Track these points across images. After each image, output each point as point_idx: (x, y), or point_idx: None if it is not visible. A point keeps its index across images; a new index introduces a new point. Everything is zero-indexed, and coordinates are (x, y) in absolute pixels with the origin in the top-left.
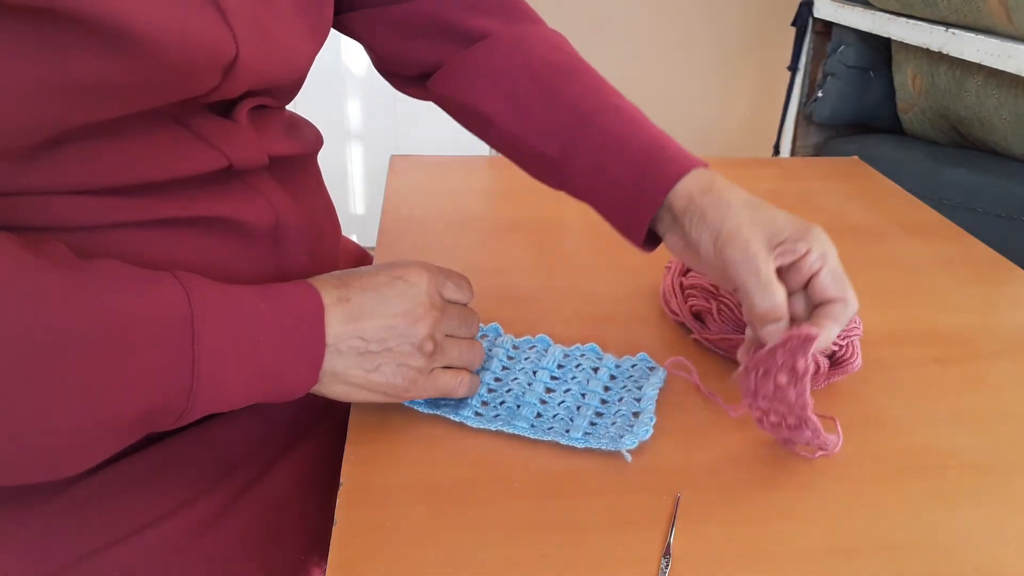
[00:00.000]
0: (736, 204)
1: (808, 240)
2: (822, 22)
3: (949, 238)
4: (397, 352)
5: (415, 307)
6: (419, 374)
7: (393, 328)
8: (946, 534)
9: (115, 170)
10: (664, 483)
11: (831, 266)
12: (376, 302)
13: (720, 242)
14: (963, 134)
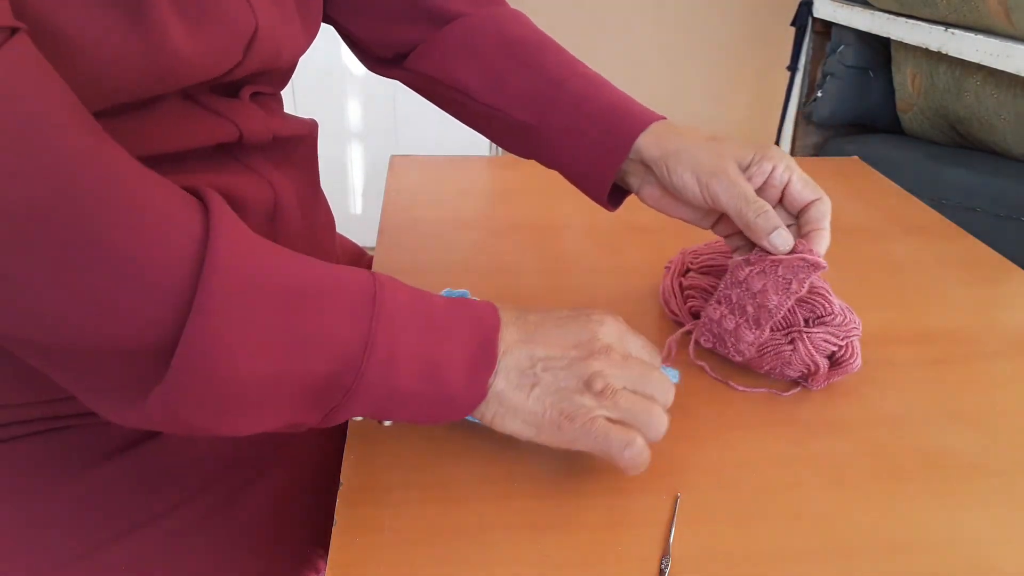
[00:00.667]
0: (703, 143)
1: (771, 158)
2: (821, 22)
3: (949, 238)
4: (562, 380)
5: (593, 340)
6: (577, 412)
7: (564, 356)
8: (946, 534)
9: (128, 143)
10: (664, 483)
11: (798, 174)
12: (554, 327)
13: (704, 179)
14: (962, 134)
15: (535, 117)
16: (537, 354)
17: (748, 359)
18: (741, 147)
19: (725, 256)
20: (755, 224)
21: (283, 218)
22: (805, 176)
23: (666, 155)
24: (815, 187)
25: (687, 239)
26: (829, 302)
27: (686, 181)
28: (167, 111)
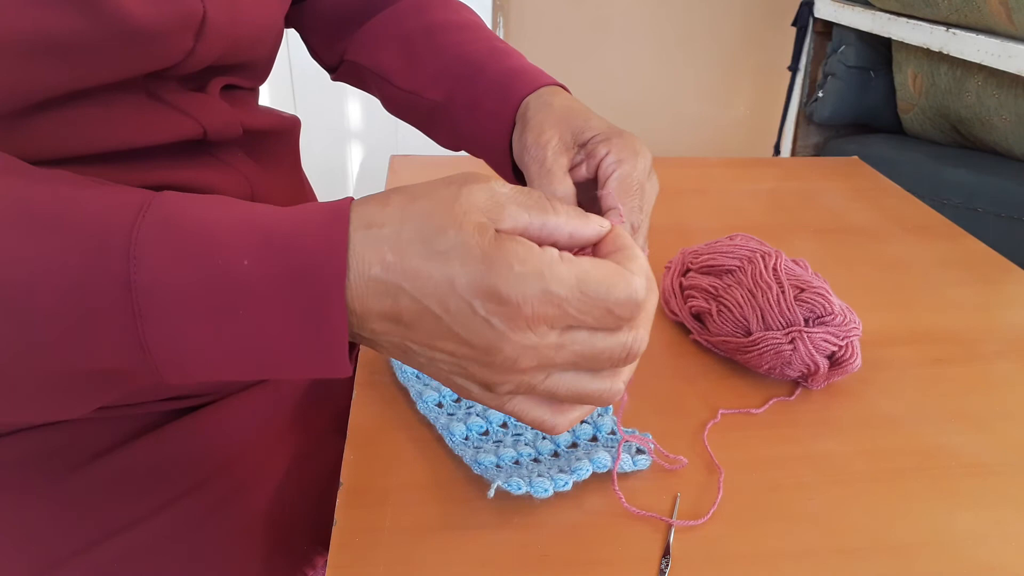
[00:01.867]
0: (556, 105)
1: (611, 144)
2: (822, 22)
3: (949, 238)
4: (457, 380)
5: (496, 350)
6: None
7: (454, 362)
8: (946, 534)
9: (91, 139)
10: (664, 483)
11: (622, 172)
12: (433, 315)
13: (524, 131)
14: (963, 134)
15: (444, 95)
16: (412, 347)
17: (741, 359)
18: (591, 121)
19: (726, 256)
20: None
21: None
22: (629, 179)
23: (525, 114)
24: (627, 195)
25: (687, 239)
26: (829, 302)
27: (516, 138)
28: (129, 107)
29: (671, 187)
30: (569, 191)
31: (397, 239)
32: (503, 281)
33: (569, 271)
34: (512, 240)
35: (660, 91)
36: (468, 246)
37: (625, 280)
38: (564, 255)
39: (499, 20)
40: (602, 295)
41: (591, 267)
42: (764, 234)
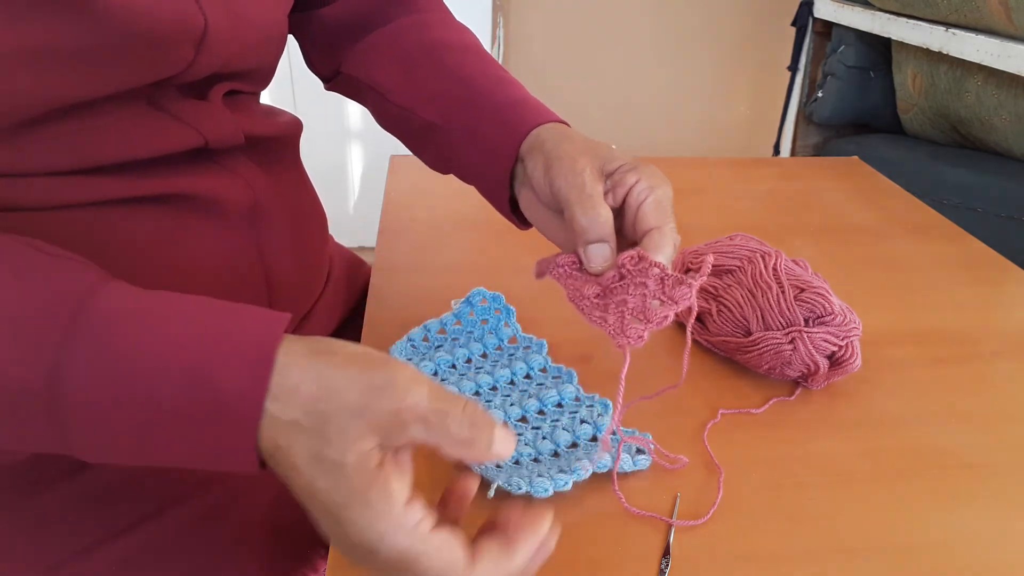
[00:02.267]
0: (577, 139)
1: (639, 172)
2: (822, 22)
3: (949, 238)
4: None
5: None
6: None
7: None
8: (946, 534)
9: (92, 151)
10: (664, 483)
11: (656, 197)
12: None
13: (549, 165)
14: (963, 134)
15: (440, 116)
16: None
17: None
18: (614, 153)
19: (726, 256)
20: (579, 222)
21: (264, 220)
22: (664, 202)
23: (533, 148)
24: (665, 215)
25: (687, 239)
26: (829, 302)
27: (537, 172)
28: (130, 118)
29: (671, 187)
30: (609, 216)
31: (292, 430)
32: (351, 524)
33: (425, 545)
34: (376, 489)
35: (660, 91)
36: (343, 472)
37: (498, 567)
38: (420, 528)
39: (499, 20)
40: (458, 566)
41: (433, 549)
42: (764, 234)
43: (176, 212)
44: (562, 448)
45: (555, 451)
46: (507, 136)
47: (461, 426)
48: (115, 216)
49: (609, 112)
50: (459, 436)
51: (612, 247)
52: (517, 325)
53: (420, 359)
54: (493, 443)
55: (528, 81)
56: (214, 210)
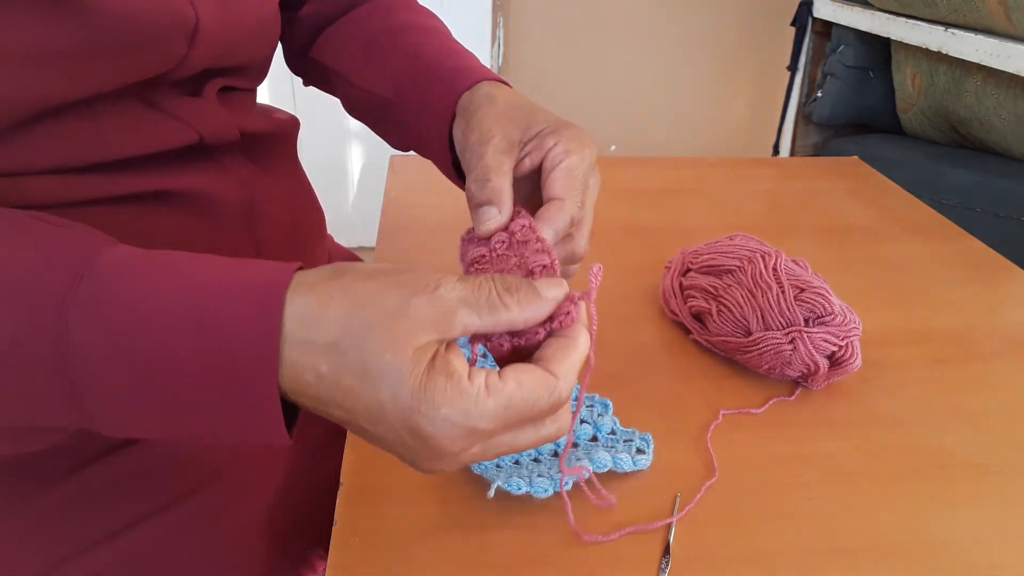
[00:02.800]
0: (500, 100)
1: (558, 135)
2: (821, 22)
3: (948, 238)
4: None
5: (427, 447)
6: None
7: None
8: (946, 534)
9: (86, 149)
10: (664, 483)
11: (568, 164)
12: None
13: (466, 131)
14: (962, 134)
15: (395, 93)
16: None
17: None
18: (536, 115)
19: (726, 256)
20: (468, 187)
21: (261, 217)
22: (576, 171)
23: (461, 111)
24: (572, 186)
25: (687, 239)
26: (829, 302)
27: (457, 134)
28: (124, 115)
29: (671, 187)
30: (505, 189)
31: (334, 352)
32: (428, 422)
33: (496, 403)
34: (443, 376)
35: (659, 91)
36: (402, 375)
37: (549, 390)
38: (491, 383)
39: (499, 20)
40: (526, 412)
41: (515, 389)
42: (764, 234)
43: (170, 210)
44: (562, 448)
45: (555, 451)
46: (444, 100)
47: (502, 293)
48: (109, 215)
49: (609, 112)
50: (506, 301)
51: (502, 211)
52: None
53: None
54: (540, 291)
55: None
56: (209, 207)
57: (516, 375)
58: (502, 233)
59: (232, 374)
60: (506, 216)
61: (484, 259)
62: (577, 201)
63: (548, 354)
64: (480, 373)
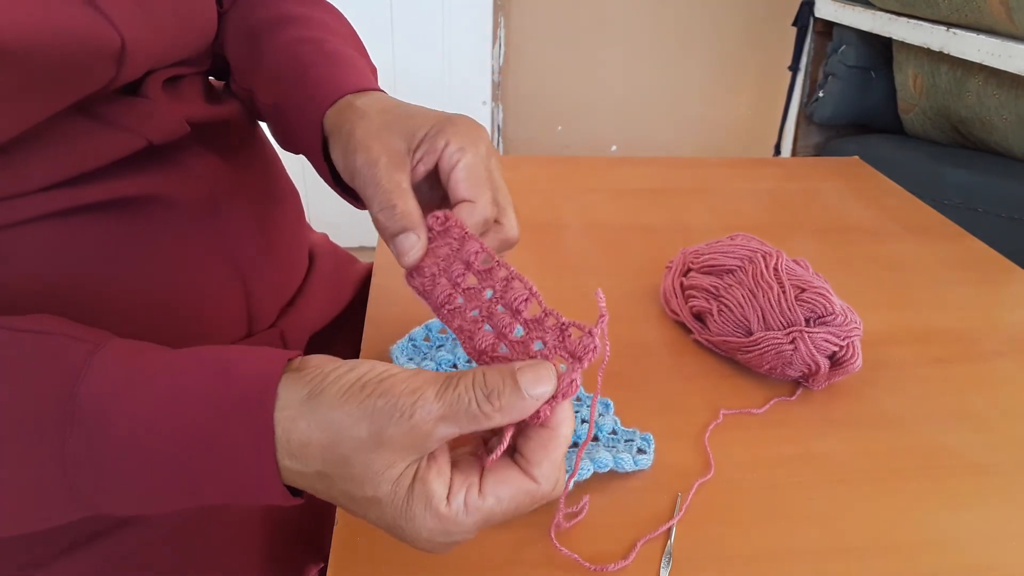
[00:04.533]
0: (372, 112)
1: (447, 134)
2: (823, 22)
3: (950, 238)
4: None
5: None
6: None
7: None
8: (947, 534)
9: (25, 174)
10: (665, 482)
11: (466, 163)
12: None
13: (346, 154)
14: (964, 134)
15: (273, 99)
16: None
17: None
18: (416, 118)
19: (727, 255)
20: (377, 219)
21: (226, 213)
22: (476, 167)
23: (332, 131)
24: (478, 184)
25: (688, 239)
26: (830, 302)
27: (337, 156)
28: (66, 133)
29: (672, 187)
30: (413, 210)
31: (323, 478)
32: (413, 540)
33: (476, 519)
34: (421, 504)
35: (660, 91)
36: (383, 505)
37: (531, 497)
38: (470, 502)
39: (500, 20)
40: (509, 517)
41: (495, 504)
42: (764, 234)
43: (126, 217)
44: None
45: None
46: (311, 122)
47: (482, 402)
48: (62, 228)
49: (610, 112)
50: (487, 411)
51: (420, 235)
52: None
53: (422, 358)
54: (525, 390)
55: (530, 80)
56: (167, 210)
57: (495, 489)
58: (435, 256)
59: (236, 489)
60: (424, 239)
61: (451, 297)
62: (487, 197)
63: (528, 453)
64: (459, 494)
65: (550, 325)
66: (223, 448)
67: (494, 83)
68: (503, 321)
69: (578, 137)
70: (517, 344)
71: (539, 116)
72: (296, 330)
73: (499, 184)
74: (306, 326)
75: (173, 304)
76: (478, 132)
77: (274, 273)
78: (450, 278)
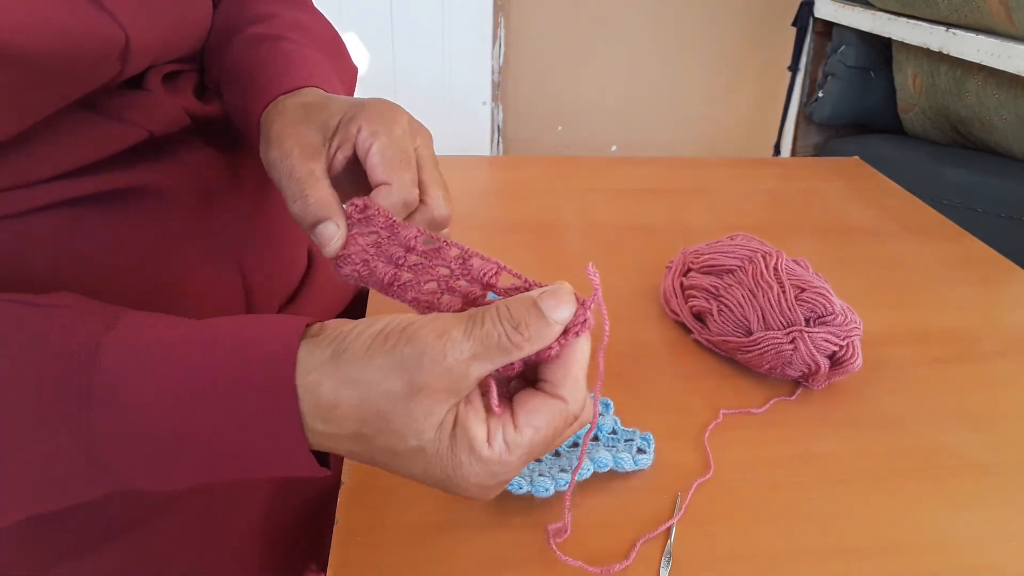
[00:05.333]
0: (290, 108)
1: (359, 118)
2: (823, 22)
3: (950, 238)
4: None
5: (454, 485)
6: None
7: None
8: (947, 534)
9: (35, 166)
10: (665, 482)
11: (379, 146)
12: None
13: (265, 149)
14: (964, 134)
15: (232, 97)
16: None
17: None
18: (330, 107)
19: (727, 255)
20: (292, 212)
21: (220, 205)
22: (389, 149)
23: (268, 131)
24: (394, 165)
25: (688, 239)
26: (830, 302)
27: (261, 153)
28: (67, 125)
29: (672, 187)
30: (327, 198)
31: (360, 439)
32: (462, 490)
33: (519, 455)
34: (466, 452)
35: (660, 91)
36: (427, 455)
37: (564, 417)
38: (509, 439)
39: (500, 20)
40: (549, 442)
41: (534, 434)
42: (764, 234)
43: (121, 209)
44: (563, 447)
45: (556, 451)
46: (251, 122)
47: (512, 334)
48: (55, 219)
49: (609, 112)
50: (517, 342)
51: (339, 224)
52: None
53: None
54: (549, 316)
55: (530, 80)
56: (166, 201)
57: (530, 420)
58: (363, 238)
59: (262, 461)
60: (343, 227)
61: (396, 275)
62: (406, 178)
63: (549, 376)
64: (497, 434)
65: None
66: (246, 421)
67: (494, 83)
68: (472, 291)
69: (578, 137)
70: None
71: (539, 116)
72: None
73: (424, 163)
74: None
75: (172, 297)
76: (392, 113)
77: (273, 267)
78: (389, 260)
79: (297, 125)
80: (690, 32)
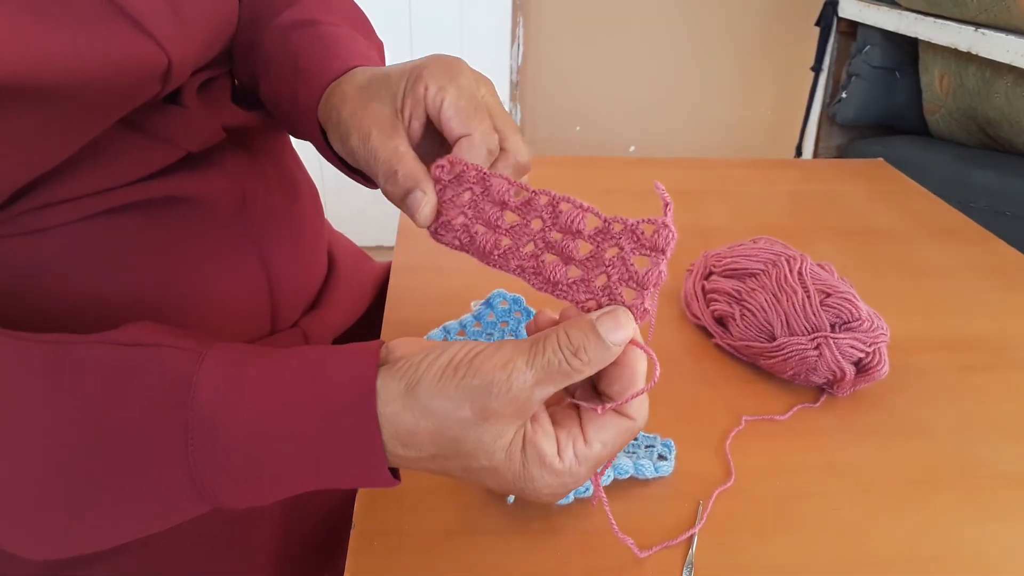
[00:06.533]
0: (351, 91)
1: (424, 78)
2: (847, 22)
3: (977, 242)
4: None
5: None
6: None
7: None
8: (975, 547)
9: (75, 184)
10: (686, 491)
11: (451, 98)
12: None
13: (342, 138)
14: (991, 136)
15: (273, 89)
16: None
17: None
18: (391, 78)
19: (749, 259)
20: (385, 192)
21: (255, 211)
22: (460, 102)
23: (327, 122)
24: (469, 117)
25: (708, 241)
26: (856, 307)
27: (338, 147)
28: (107, 145)
29: (692, 188)
30: (415, 169)
31: (437, 459)
32: (535, 499)
33: (588, 466)
34: (537, 467)
35: (680, 91)
36: (500, 473)
37: (631, 433)
38: (579, 453)
39: (518, 20)
40: (613, 454)
41: (602, 448)
42: (786, 236)
43: (156, 217)
44: None
45: None
46: (306, 117)
47: (571, 360)
48: (93, 228)
49: (629, 112)
50: (577, 367)
51: (427, 191)
52: None
53: None
54: (607, 339)
55: (548, 80)
56: (200, 209)
57: (599, 436)
58: (461, 197)
59: (347, 480)
60: (432, 192)
61: (497, 241)
62: (485, 127)
63: (616, 393)
64: (567, 448)
65: (617, 231)
66: (333, 450)
67: (512, 83)
68: (565, 245)
69: (597, 137)
70: (588, 261)
71: (558, 116)
72: (319, 332)
73: (496, 110)
74: (329, 328)
75: (202, 301)
76: (455, 66)
77: (298, 271)
78: (487, 223)
79: (367, 105)
80: (710, 32)
